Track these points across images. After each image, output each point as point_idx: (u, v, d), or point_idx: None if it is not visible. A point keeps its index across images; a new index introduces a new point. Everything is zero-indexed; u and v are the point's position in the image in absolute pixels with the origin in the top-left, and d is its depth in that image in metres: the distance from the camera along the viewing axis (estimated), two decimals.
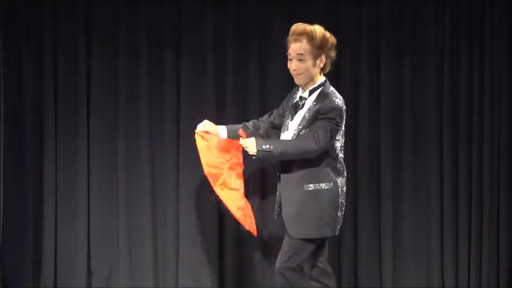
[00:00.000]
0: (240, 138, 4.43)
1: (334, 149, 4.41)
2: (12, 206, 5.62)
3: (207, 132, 4.62)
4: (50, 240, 5.72)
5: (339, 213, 4.44)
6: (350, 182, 5.75)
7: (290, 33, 4.44)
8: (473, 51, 5.75)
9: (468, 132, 5.77)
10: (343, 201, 4.47)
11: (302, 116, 4.41)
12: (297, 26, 4.40)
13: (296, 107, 4.47)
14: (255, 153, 4.33)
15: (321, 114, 4.33)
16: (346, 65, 5.74)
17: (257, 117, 4.87)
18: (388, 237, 5.78)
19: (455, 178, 5.78)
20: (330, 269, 4.68)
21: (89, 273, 5.77)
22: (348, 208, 5.75)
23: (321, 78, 4.47)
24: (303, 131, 4.36)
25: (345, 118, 4.45)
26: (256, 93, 5.72)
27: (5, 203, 5.58)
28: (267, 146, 4.29)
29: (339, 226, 4.49)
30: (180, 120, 5.74)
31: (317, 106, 4.36)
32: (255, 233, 4.61)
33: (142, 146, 5.73)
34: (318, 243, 4.49)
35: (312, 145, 4.29)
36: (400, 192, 5.80)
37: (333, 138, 4.35)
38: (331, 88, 4.46)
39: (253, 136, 4.53)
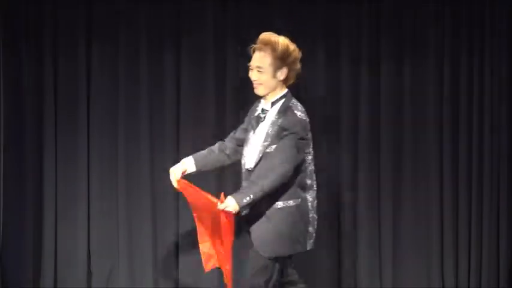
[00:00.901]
0: (218, 203, 4.15)
1: (304, 162, 4.24)
2: (12, 206, 5.62)
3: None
4: (50, 240, 5.72)
5: (309, 229, 4.25)
6: (350, 182, 5.78)
7: (257, 41, 4.29)
8: (473, 51, 5.75)
9: (468, 132, 5.76)
10: (315, 216, 4.28)
11: (266, 131, 4.24)
12: (263, 35, 4.26)
13: (258, 120, 4.31)
14: (238, 210, 4.13)
15: (285, 131, 4.17)
16: (346, 65, 5.74)
17: None
18: (388, 237, 5.78)
19: (455, 178, 5.78)
20: (296, 277, 4.50)
21: (89, 273, 5.77)
22: (348, 208, 5.79)
23: (283, 90, 4.30)
24: (269, 149, 4.19)
25: (308, 132, 4.25)
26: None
27: (5, 203, 5.58)
28: (247, 198, 4.10)
29: (312, 241, 4.28)
30: (180, 120, 5.74)
31: (279, 121, 4.20)
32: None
33: (142, 145, 5.73)
34: (285, 260, 4.32)
35: (285, 169, 4.12)
36: (400, 192, 5.80)
37: (300, 152, 4.19)
38: (293, 100, 4.30)
39: (217, 159, 4.40)
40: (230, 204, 4.09)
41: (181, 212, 5.71)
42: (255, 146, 4.26)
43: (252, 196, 4.09)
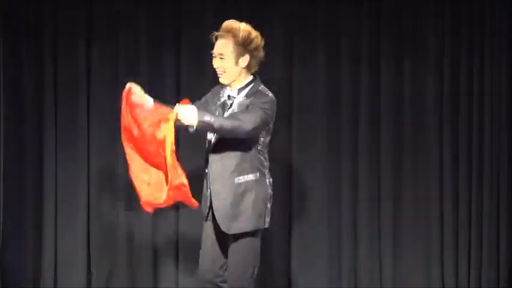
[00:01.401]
0: (177, 104, 4.02)
1: (259, 142, 4.23)
2: (12, 206, 5.62)
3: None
4: (50, 240, 5.72)
5: (268, 205, 4.26)
6: (350, 182, 5.78)
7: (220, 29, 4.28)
8: (473, 51, 5.75)
9: (468, 132, 5.77)
10: (271, 192, 4.28)
11: (231, 112, 4.25)
12: (225, 23, 4.25)
13: (224, 106, 4.30)
14: (194, 124, 4.01)
15: (253, 104, 4.18)
16: (346, 65, 5.74)
17: None
18: (388, 237, 5.78)
19: (455, 178, 5.78)
20: None
21: (89, 273, 5.77)
22: (348, 208, 5.79)
23: (248, 77, 4.30)
24: None
25: (274, 116, 4.25)
26: None
27: (5, 203, 5.58)
28: (208, 118, 4.02)
29: (268, 219, 4.26)
30: None
31: (248, 100, 4.22)
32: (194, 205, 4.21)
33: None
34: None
35: (246, 124, 4.08)
36: (400, 192, 5.80)
37: (263, 126, 4.18)
38: (262, 86, 4.30)
39: None
40: (190, 110, 4.00)
41: (181, 212, 5.71)
42: None
43: (212, 119, 4.03)
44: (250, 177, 4.21)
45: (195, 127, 4.03)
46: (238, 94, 4.28)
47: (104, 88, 5.74)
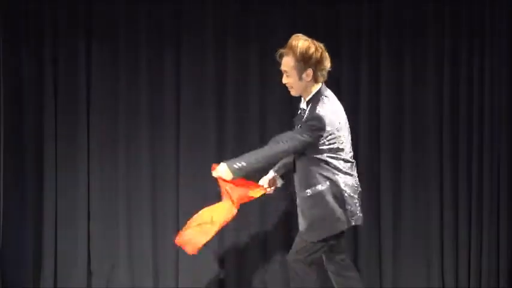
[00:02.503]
0: (212, 172, 4.39)
1: (320, 151, 4.40)
2: (12, 206, 5.62)
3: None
4: (50, 240, 5.72)
5: (347, 207, 4.45)
6: None
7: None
8: (473, 51, 5.75)
9: (468, 132, 5.77)
10: (351, 194, 4.46)
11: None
12: (290, 40, 4.41)
13: (298, 118, 4.53)
14: (231, 176, 4.35)
15: (302, 123, 4.43)
16: (346, 65, 5.74)
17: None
18: (388, 237, 5.78)
19: (455, 178, 5.78)
20: (349, 261, 4.75)
21: (89, 273, 5.77)
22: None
23: (315, 88, 4.47)
24: None
25: (328, 124, 4.39)
26: (257, 93, 5.72)
27: (5, 203, 5.58)
28: (239, 164, 4.34)
29: (355, 217, 4.50)
30: (180, 120, 5.74)
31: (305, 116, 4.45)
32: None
33: (142, 145, 5.73)
34: (331, 241, 4.52)
35: (285, 147, 4.36)
36: (400, 192, 5.80)
37: (310, 139, 4.35)
38: (323, 95, 4.47)
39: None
40: (222, 169, 4.33)
41: (181, 212, 5.71)
42: None
43: (244, 163, 4.33)
44: (318, 187, 4.43)
45: (234, 176, 4.35)
46: (307, 106, 4.46)
47: (104, 88, 5.74)
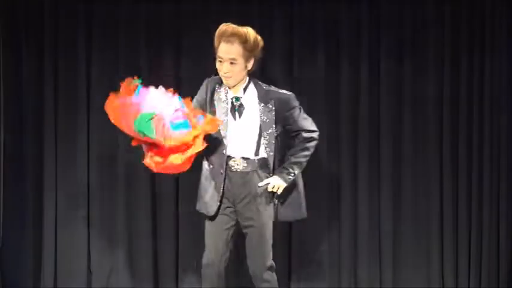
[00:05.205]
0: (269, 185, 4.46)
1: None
2: (12, 206, 5.62)
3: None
4: (50, 240, 5.72)
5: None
6: (350, 182, 5.78)
7: (219, 33, 4.34)
8: (473, 51, 5.75)
9: (468, 132, 5.77)
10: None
11: (258, 120, 4.38)
12: (227, 27, 4.32)
13: (234, 107, 4.40)
14: (285, 184, 4.46)
15: (288, 110, 4.41)
16: (346, 65, 5.74)
17: None
18: (388, 237, 5.78)
19: (455, 178, 5.78)
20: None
21: (89, 273, 5.77)
22: (348, 208, 5.78)
23: (247, 76, 4.44)
24: (275, 131, 4.43)
25: None
26: None
27: (5, 203, 5.58)
28: (292, 174, 4.45)
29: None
30: None
31: (269, 106, 4.39)
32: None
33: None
34: None
35: (315, 135, 4.52)
36: (400, 192, 5.80)
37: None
38: (260, 82, 4.49)
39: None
40: (277, 182, 4.42)
41: (182, 212, 5.71)
42: (245, 135, 4.38)
43: (295, 171, 4.47)
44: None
45: (287, 184, 4.45)
46: (244, 93, 4.37)
47: (104, 88, 5.73)
